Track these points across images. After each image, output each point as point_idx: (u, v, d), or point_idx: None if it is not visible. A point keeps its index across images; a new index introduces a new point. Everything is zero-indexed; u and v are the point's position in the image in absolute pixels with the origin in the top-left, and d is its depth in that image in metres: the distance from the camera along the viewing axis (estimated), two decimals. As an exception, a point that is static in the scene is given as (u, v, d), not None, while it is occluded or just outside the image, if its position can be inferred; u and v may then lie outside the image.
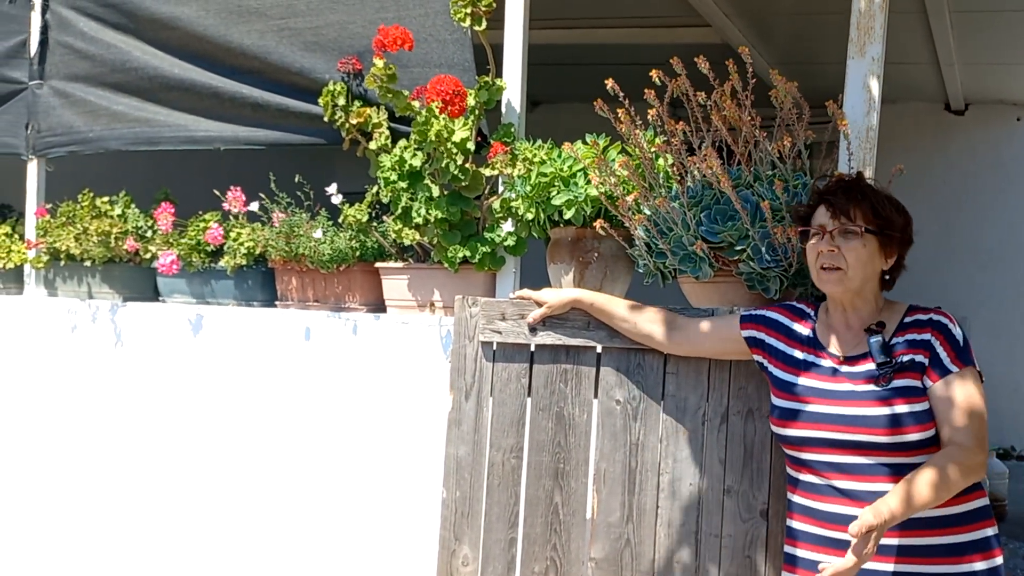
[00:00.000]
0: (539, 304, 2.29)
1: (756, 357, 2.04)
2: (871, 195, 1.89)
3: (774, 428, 1.95)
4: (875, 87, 2.23)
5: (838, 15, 2.55)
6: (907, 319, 1.91)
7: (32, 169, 3.44)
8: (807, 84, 2.60)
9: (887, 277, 1.94)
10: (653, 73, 2.19)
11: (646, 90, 2.19)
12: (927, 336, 1.86)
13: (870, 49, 2.23)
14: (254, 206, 2.98)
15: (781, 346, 1.99)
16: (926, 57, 4.91)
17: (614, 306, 2.22)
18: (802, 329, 1.99)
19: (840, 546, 1.82)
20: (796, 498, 1.94)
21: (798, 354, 1.96)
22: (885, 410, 1.81)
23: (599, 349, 2.28)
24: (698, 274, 2.24)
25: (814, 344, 1.95)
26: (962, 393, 1.81)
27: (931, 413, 1.83)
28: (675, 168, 2.28)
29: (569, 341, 2.29)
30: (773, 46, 4.89)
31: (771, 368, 1.99)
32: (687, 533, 2.20)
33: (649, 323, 2.18)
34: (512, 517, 2.32)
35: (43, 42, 3.38)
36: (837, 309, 1.95)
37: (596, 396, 2.29)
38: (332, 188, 2.80)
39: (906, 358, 1.84)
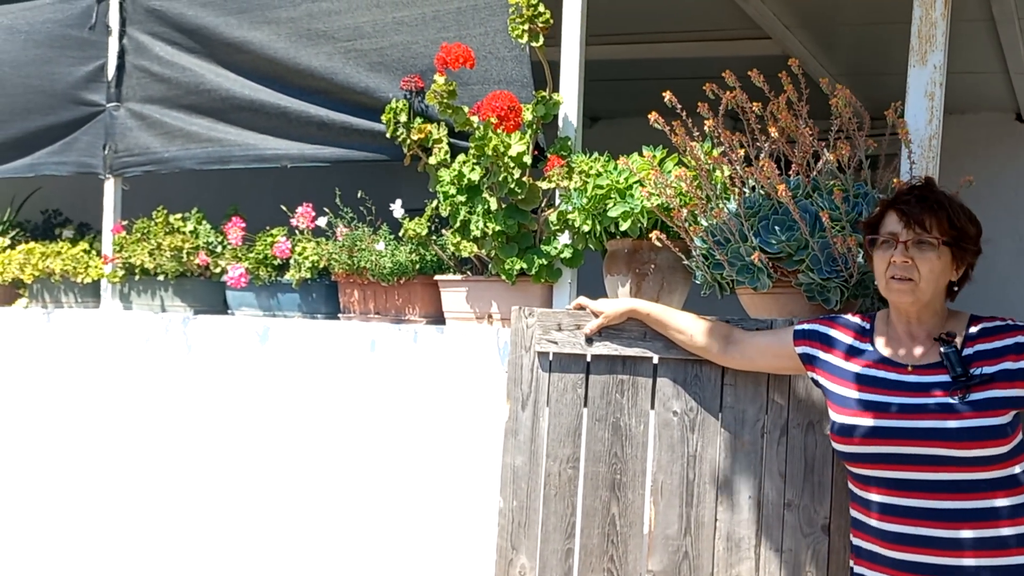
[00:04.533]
0: (596, 314, 2.30)
1: (810, 374, 2.00)
2: (947, 204, 1.83)
3: (836, 446, 1.89)
4: (937, 96, 2.20)
5: (903, 24, 2.51)
6: (972, 329, 1.85)
7: (109, 188, 3.59)
8: (872, 94, 2.56)
9: (955, 288, 1.89)
10: (707, 87, 2.20)
11: (699, 104, 2.19)
12: (1009, 341, 1.79)
13: (932, 57, 2.20)
14: (320, 221, 3.06)
15: (838, 361, 1.94)
16: (995, 66, 4.78)
17: (670, 317, 2.22)
18: (860, 344, 1.93)
19: (912, 569, 1.77)
20: (861, 516, 1.88)
21: (857, 369, 1.90)
22: (963, 423, 1.74)
23: (656, 360, 2.28)
24: (756, 285, 2.23)
25: (875, 358, 1.89)
26: None
27: (1011, 427, 1.76)
28: (732, 179, 2.28)
29: (625, 352, 2.30)
30: (836, 57, 4.82)
31: (827, 384, 1.94)
32: (746, 547, 2.18)
33: (705, 336, 2.16)
34: (569, 528, 2.33)
35: (120, 66, 3.54)
36: (900, 319, 1.89)
37: (653, 407, 2.28)
38: (397, 204, 2.87)
39: (990, 369, 1.78)
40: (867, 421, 1.83)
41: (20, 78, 3.74)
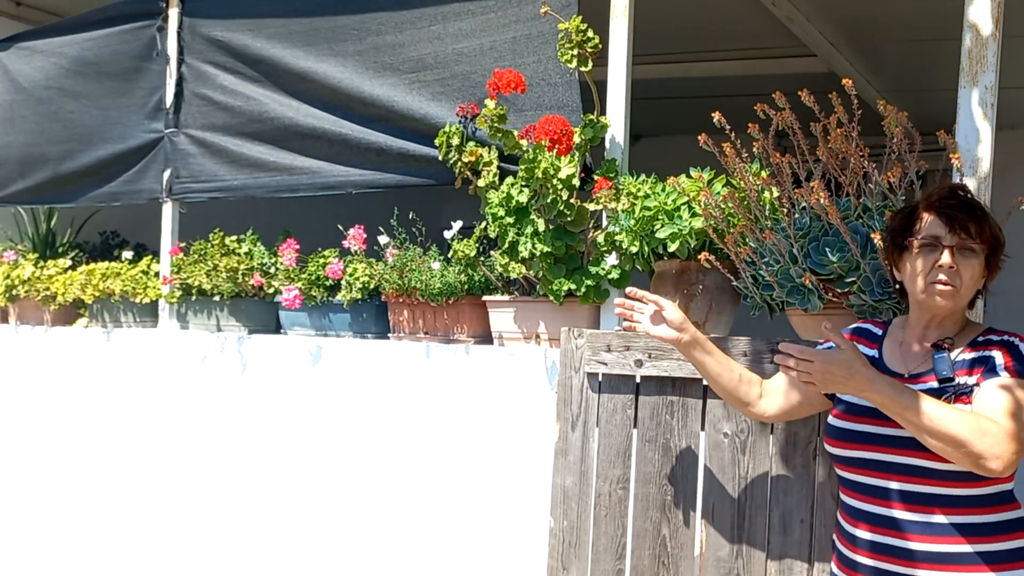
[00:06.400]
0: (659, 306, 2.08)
1: None
2: (985, 212, 1.82)
3: (828, 448, 1.88)
4: (989, 116, 2.18)
5: (951, 41, 2.50)
6: (980, 338, 1.80)
7: (167, 211, 3.70)
8: (919, 111, 2.55)
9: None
10: (758, 107, 2.21)
11: (750, 124, 2.21)
12: (989, 352, 1.75)
13: (983, 78, 2.19)
14: (381, 240, 3.12)
15: None
16: (1048, 80, 4.71)
17: (718, 355, 2.08)
18: (868, 351, 1.91)
19: (858, 568, 1.79)
20: (840, 518, 1.88)
21: None
22: None
23: (705, 381, 2.29)
24: (807, 306, 2.23)
25: (877, 365, 1.86)
26: (1008, 395, 1.66)
27: None
28: (782, 200, 2.29)
29: (675, 373, 2.31)
30: (882, 74, 4.80)
31: (839, 394, 1.91)
32: (799, 570, 2.17)
33: (746, 385, 2.05)
34: (619, 548, 2.34)
35: (178, 93, 3.64)
36: (919, 325, 1.85)
37: (703, 428, 2.29)
38: (455, 226, 2.92)
39: (968, 379, 1.74)
40: (857, 426, 1.82)
41: (88, 106, 3.87)
